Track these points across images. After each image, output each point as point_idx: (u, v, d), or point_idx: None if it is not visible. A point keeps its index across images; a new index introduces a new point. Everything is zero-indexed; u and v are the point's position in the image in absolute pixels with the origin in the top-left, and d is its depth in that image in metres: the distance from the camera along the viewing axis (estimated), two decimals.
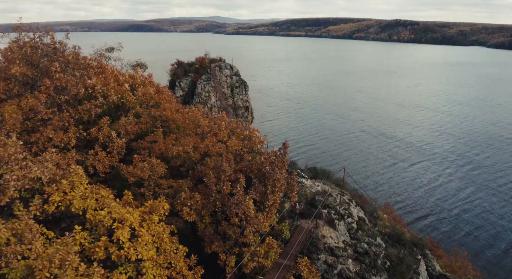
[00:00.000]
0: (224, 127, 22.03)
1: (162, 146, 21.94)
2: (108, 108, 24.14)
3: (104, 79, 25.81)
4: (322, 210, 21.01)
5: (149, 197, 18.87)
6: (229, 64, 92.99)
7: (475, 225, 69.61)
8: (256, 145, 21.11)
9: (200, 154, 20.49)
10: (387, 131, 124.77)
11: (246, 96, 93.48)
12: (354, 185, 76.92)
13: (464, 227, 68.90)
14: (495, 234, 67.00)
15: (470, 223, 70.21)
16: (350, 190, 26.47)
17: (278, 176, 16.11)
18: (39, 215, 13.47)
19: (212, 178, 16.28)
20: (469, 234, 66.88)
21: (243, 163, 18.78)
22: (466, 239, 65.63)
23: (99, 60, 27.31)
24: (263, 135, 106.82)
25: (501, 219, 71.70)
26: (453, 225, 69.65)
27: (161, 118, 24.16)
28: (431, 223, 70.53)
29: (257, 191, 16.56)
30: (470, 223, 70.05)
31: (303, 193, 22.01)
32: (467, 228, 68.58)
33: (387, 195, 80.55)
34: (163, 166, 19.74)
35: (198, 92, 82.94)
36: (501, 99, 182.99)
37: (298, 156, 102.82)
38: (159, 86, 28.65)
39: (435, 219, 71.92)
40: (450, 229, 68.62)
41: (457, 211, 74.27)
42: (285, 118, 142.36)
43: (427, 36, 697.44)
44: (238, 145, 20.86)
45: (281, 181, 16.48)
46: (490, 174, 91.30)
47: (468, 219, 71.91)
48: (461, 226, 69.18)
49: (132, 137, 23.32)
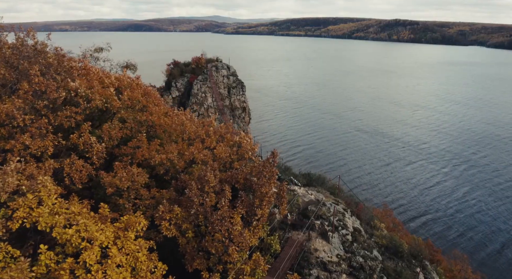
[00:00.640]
0: (212, 132, 20.84)
1: (145, 152, 20.81)
2: (91, 113, 23.01)
3: (88, 82, 24.68)
4: (315, 221, 19.86)
5: (129, 208, 17.74)
6: (226, 64, 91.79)
7: (472, 224, 69.22)
8: (246, 152, 19.93)
9: (184, 162, 19.34)
10: (384, 131, 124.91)
11: (243, 97, 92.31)
12: (351, 191, 76.49)
13: (461, 226, 68.46)
14: (492, 233, 66.53)
15: (468, 222, 69.75)
16: (346, 197, 25.33)
17: (266, 188, 14.97)
18: (1, 235, 12.34)
19: (194, 189, 15.14)
20: (469, 234, 66.36)
21: (229, 172, 17.62)
22: (463, 239, 65.25)
23: (83, 62, 26.13)
24: (260, 136, 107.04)
25: (496, 219, 71.31)
26: (450, 224, 69.26)
27: (147, 123, 23.02)
28: (429, 222, 70.17)
29: (244, 204, 15.42)
30: (468, 223, 69.62)
31: (295, 202, 20.87)
32: (463, 228, 68.20)
33: (385, 194, 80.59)
34: (144, 175, 18.58)
35: (194, 92, 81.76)
36: (499, 99, 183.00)
37: (295, 156, 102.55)
38: (147, 89, 27.45)
39: (433, 218, 71.55)
40: (448, 228, 68.28)
41: (454, 211, 74.04)
42: (283, 118, 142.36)
43: (427, 36, 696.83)
44: (226, 152, 19.71)
45: (269, 193, 15.33)
46: (487, 173, 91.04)
47: (467, 219, 71.40)
48: (458, 226, 68.71)
49: (116, 143, 22.20)
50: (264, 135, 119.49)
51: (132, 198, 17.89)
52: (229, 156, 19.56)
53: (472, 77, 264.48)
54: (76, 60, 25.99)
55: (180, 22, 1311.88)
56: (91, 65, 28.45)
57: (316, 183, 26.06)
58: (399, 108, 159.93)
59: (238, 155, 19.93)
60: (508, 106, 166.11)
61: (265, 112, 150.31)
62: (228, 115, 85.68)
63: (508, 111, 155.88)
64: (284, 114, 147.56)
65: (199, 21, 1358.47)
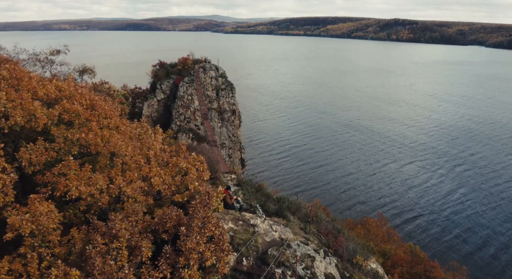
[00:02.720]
0: (153, 155, 16.88)
1: (74, 181, 16.82)
2: (10, 132, 19.04)
3: (17, 93, 20.69)
4: (275, 269, 15.88)
5: (32, 259, 13.80)
6: (214, 65, 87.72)
7: (468, 226, 68.34)
8: (192, 182, 15.99)
9: (110, 197, 15.42)
10: (381, 131, 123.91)
11: (233, 99, 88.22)
12: (333, 220, 73.90)
13: (457, 229, 67.55)
14: (488, 236, 65.42)
15: (466, 224, 68.89)
16: (324, 228, 21.38)
17: (192, 243, 11.06)
18: None
19: (99, 245, 11.33)
20: (465, 236, 65.40)
21: (156, 217, 13.61)
22: (459, 241, 64.17)
23: (14, 67, 22.13)
24: (254, 136, 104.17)
25: (492, 221, 70.21)
26: (444, 226, 68.19)
27: (79, 142, 19.03)
28: (423, 224, 68.89)
29: (167, 263, 11.54)
30: (466, 225, 68.75)
31: (253, 243, 16.84)
32: (458, 230, 67.30)
33: (378, 195, 79.44)
34: (56, 215, 14.63)
35: (180, 95, 77.68)
36: (497, 99, 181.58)
37: (289, 157, 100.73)
38: (94, 99, 23.46)
39: (428, 220, 70.41)
40: (442, 230, 67.14)
41: (450, 212, 73.02)
42: (278, 118, 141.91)
43: (426, 36, 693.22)
44: (166, 183, 15.81)
45: (198, 249, 11.38)
46: (483, 175, 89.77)
47: (462, 220, 70.34)
48: (454, 228, 67.61)
49: (39, 168, 18.23)
50: (259, 135, 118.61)
51: (37, 246, 13.99)
52: (167, 187, 15.62)
53: (471, 76, 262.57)
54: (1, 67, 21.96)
55: (179, 22, 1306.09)
56: (29, 71, 24.50)
57: (289, 210, 22.09)
58: (397, 108, 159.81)
59: (183, 185, 16.02)
60: (506, 106, 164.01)
61: (260, 112, 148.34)
62: (217, 119, 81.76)
63: (506, 111, 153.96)
64: (279, 114, 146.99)
65: (198, 21, 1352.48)
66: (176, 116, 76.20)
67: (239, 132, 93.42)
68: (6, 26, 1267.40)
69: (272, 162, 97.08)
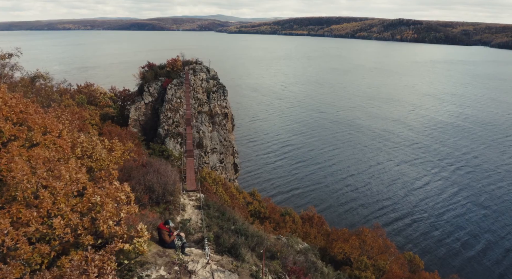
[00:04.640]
0: (61, 188, 13.56)
1: None
2: None
3: None
4: None
5: None
6: (205, 66, 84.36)
7: (471, 229, 66.47)
8: (105, 220, 12.66)
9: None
10: (380, 131, 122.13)
11: (225, 102, 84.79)
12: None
13: (460, 231, 65.81)
14: (488, 240, 63.37)
15: (467, 227, 67.17)
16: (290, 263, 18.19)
17: None
18: None
19: None
20: (468, 240, 63.82)
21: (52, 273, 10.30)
22: (458, 245, 62.26)
23: None
24: (252, 135, 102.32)
25: (493, 224, 68.24)
26: (444, 230, 66.22)
27: None
28: (424, 229, 66.75)
29: None
30: (467, 228, 67.00)
31: None
32: (460, 232, 65.72)
33: (377, 198, 77.25)
34: None
35: (168, 98, 74.40)
36: (501, 100, 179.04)
37: (285, 157, 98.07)
38: (28, 112, 20.21)
39: (427, 223, 68.33)
40: (442, 234, 65.27)
41: (449, 216, 70.93)
42: (277, 117, 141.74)
43: (430, 36, 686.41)
44: (69, 225, 12.53)
45: None
46: (479, 175, 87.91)
47: (466, 223, 68.37)
48: (456, 231, 65.72)
49: None
50: (260, 134, 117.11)
51: None
52: (74, 229, 12.31)
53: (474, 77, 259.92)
54: None
55: (183, 21, 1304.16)
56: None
57: (248, 245, 18.67)
58: (396, 108, 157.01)
59: (94, 226, 12.72)
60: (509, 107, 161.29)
61: (259, 111, 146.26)
62: (208, 123, 78.41)
63: (510, 112, 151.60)
64: (278, 114, 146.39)
65: (202, 20, 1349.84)
66: (164, 120, 73.05)
67: (232, 136, 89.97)
68: (11, 25, 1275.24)
69: (270, 163, 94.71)
